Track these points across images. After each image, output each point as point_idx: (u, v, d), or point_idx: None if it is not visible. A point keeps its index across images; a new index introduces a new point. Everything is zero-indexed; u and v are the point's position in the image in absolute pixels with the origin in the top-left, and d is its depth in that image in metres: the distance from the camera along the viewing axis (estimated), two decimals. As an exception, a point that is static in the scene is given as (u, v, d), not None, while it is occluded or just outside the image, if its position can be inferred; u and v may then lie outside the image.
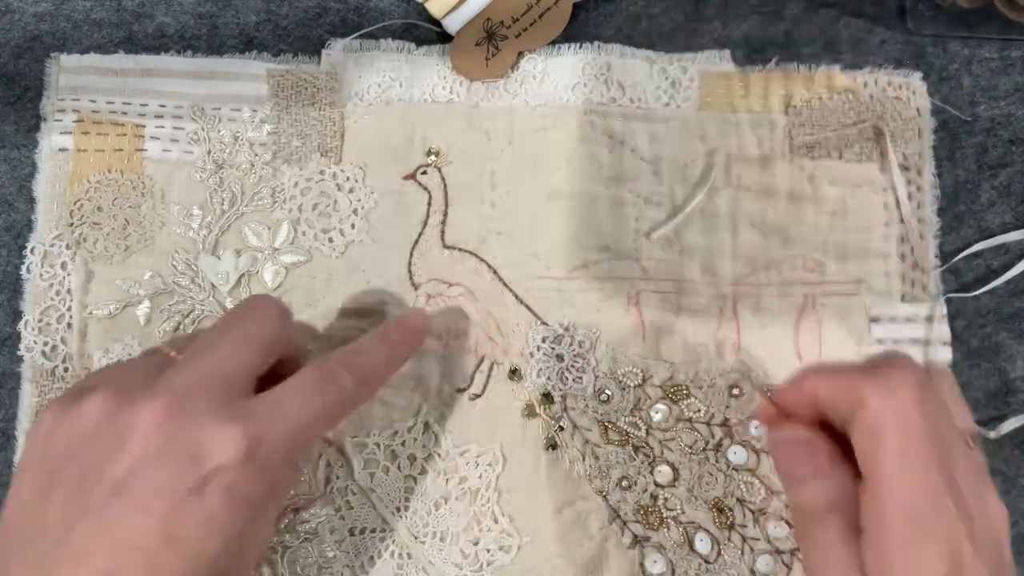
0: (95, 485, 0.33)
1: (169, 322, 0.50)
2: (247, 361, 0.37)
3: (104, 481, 0.33)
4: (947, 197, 0.53)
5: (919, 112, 0.53)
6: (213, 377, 0.36)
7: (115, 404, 0.34)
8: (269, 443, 0.35)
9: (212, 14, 0.54)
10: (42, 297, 0.50)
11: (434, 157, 0.52)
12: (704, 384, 0.49)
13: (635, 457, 0.49)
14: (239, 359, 0.37)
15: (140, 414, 0.34)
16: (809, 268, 0.51)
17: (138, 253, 0.51)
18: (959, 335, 0.51)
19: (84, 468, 0.33)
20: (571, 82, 0.52)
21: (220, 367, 0.36)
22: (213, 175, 0.51)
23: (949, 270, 0.52)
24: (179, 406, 0.34)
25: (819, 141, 0.52)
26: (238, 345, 0.38)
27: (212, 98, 0.52)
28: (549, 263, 0.50)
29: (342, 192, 0.51)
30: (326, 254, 0.51)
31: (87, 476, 0.33)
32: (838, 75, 0.53)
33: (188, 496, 0.32)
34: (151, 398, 0.34)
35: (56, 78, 0.52)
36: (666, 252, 0.51)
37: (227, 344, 0.38)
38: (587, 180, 0.51)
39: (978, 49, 0.54)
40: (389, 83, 0.52)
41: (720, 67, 0.53)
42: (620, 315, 0.50)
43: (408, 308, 0.50)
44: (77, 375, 0.49)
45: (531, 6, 0.52)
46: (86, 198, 0.51)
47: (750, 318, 0.50)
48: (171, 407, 0.34)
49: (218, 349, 0.37)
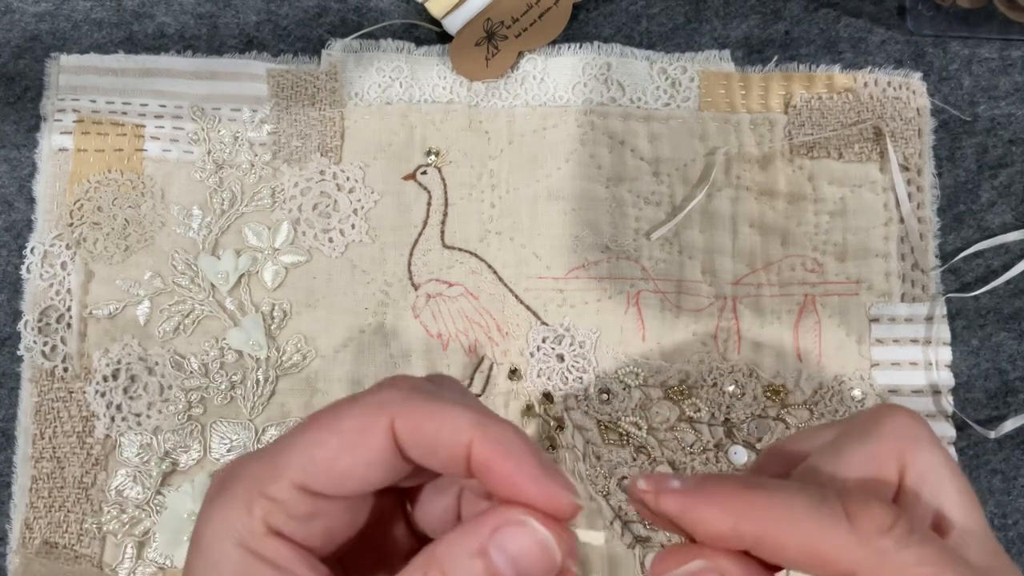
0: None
1: (169, 322, 0.50)
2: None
3: None
4: (947, 197, 0.53)
5: (919, 112, 0.53)
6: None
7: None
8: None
9: (212, 14, 0.54)
10: (42, 297, 0.50)
11: (434, 157, 0.52)
12: (705, 384, 0.49)
13: (636, 457, 0.48)
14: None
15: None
16: (809, 268, 0.51)
17: (138, 253, 0.51)
18: (959, 335, 0.51)
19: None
20: (571, 82, 0.52)
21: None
22: (213, 175, 0.51)
23: (949, 270, 0.52)
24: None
25: (819, 141, 0.52)
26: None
27: (212, 98, 0.52)
28: (549, 263, 0.50)
29: (342, 192, 0.51)
30: (326, 254, 0.51)
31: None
32: (838, 75, 0.53)
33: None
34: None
35: (56, 78, 0.52)
36: (666, 252, 0.51)
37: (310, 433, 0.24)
38: (587, 180, 0.51)
39: (978, 49, 0.54)
40: (389, 83, 0.52)
41: (720, 67, 0.53)
42: (620, 315, 0.50)
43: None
44: (77, 375, 0.49)
45: (531, 6, 0.52)
46: (86, 198, 0.51)
47: (750, 318, 0.50)
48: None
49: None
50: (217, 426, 0.49)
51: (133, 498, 0.48)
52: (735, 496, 0.22)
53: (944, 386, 0.50)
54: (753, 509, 0.22)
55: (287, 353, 0.50)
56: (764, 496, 0.22)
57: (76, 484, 0.48)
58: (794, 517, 0.22)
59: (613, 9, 0.54)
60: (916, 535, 0.22)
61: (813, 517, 0.22)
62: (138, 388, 0.49)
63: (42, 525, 0.48)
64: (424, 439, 0.22)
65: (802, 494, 0.22)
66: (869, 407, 0.25)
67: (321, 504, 0.23)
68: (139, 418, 0.49)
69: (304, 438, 0.23)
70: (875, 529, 0.22)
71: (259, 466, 0.23)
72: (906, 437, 0.24)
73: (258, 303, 0.50)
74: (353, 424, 0.22)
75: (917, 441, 0.24)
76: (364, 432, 0.22)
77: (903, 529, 0.22)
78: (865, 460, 0.24)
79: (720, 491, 0.22)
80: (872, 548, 0.21)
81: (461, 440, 0.22)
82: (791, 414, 0.49)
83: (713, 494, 0.22)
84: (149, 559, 0.47)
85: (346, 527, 0.24)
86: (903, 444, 0.24)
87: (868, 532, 0.22)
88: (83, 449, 0.48)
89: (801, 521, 0.22)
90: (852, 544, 0.21)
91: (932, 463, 0.24)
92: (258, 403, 0.49)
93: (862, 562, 0.21)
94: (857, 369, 0.50)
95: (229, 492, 0.23)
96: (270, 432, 0.49)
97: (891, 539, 0.22)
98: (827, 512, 0.22)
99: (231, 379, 0.49)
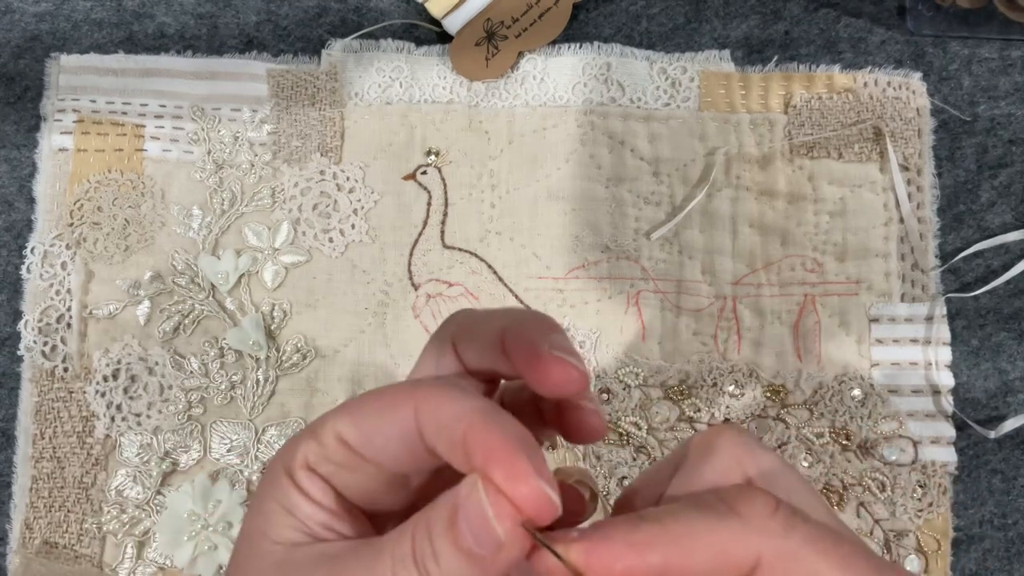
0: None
1: (169, 322, 0.50)
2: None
3: None
4: (947, 197, 0.53)
5: (919, 112, 0.53)
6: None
7: None
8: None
9: (212, 14, 0.54)
10: (42, 297, 0.50)
11: (434, 157, 0.52)
12: (705, 384, 0.49)
13: (636, 457, 0.48)
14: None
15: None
16: (809, 268, 0.51)
17: (138, 253, 0.51)
18: (959, 335, 0.51)
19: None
20: (571, 82, 0.52)
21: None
22: (213, 175, 0.51)
23: (949, 270, 0.52)
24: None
25: (819, 141, 0.52)
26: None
27: (212, 98, 0.52)
28: (549, 263, 0.50)
29: (342, 192, 0.51)
30: (326, 254, 0.51)
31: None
32: (838, 75, 0.53)
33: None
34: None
35: (56, 78, 0.52)
36: (666, 252, 0.51)
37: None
38: (587, 180, 0.51)
39: (978, 49, 0.54)
40: (389, 83, 0.52)
41: (720, 67, 0.53)
42: (620, 315, 0.50)
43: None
44: (77, 375, 0.49)
45: (531, 6, 0.52)
46: (86, 198, 0.51)
47: (750, 318, 0.50)
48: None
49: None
50: (217, 426, 0.49)
51: (133, 498, 0.48)
52: (632, 531, 0.22)
53: (944, 386, 0.50)
54: (651, 536, 0.22)
55: (287, 353, 0.50)
56: (657, 524, 0.23)
57: (76, 484, 0.48)
58: (691, 531, 0.22)
59: (613, 9, 0.54)
60: (800, 515, 0.23)
61: (705, 525, 0.23)
62: (138, 388, 0.49)
63: (42, 525, 0.48)
64: (433, 421, 0.23)
65: (686, 508, 0.23)
66: (695, 435, 0.27)
67: (358, 461, 0.24)
68: (139, 418, 0.49)
69: (356, 398, 0.25)
70: (763, 514, 0.23)
71: (319, 417, 0.25)
72: (740, 445, 0.25)
73: (258, 303, 0.50)
74: (387, 399, 0.24)
75: (750, 447, 0.25)
76: (393, 408, 0.24)
77: (787, 509, 0.23)
78: (714, 476, 0.25)
79: (616, 530, 0.23)
80: (766, 532, 0.22)
81: (460, 426, 0.23)
82: (791, 414, 0.49)
83: (612, 534, 0.22)
84: (149, 559, 0.47)
85: (391, 496, 0.26)
86: (740, 452, 0.25)
87: (758, 518, 0.23)
88: (83, 449, 0.48)
89: (698, 533, 0.22)
90: (749, 534, 0.22)
91: (769, 462, 0.25)
92: (258, 403, 0.49)
93: (762, 547, 0.22)
94: (857, 369, 0.50)
95: (293, 437, 0.25)
96: (270, 432, 0.49)
97: (779, 521, 0.23)
98: (714, 513, 0.23)
99: (231, 379, 0.49)
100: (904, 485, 0.48)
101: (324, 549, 0.24)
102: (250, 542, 0.25)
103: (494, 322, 0.25)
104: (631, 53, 0.53)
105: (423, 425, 0.24)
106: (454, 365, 0.26)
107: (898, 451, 0.49)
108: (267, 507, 0.25)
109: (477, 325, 0.26)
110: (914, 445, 0.49)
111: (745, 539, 0.22)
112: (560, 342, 0.24)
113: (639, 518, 0.23)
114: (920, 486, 0.48)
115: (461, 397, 0.23)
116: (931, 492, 0.48)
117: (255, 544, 0.25)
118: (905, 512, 0.48)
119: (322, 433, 0.24)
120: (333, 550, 0.24)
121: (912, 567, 0.48)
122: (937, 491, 0.48)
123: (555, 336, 0.24)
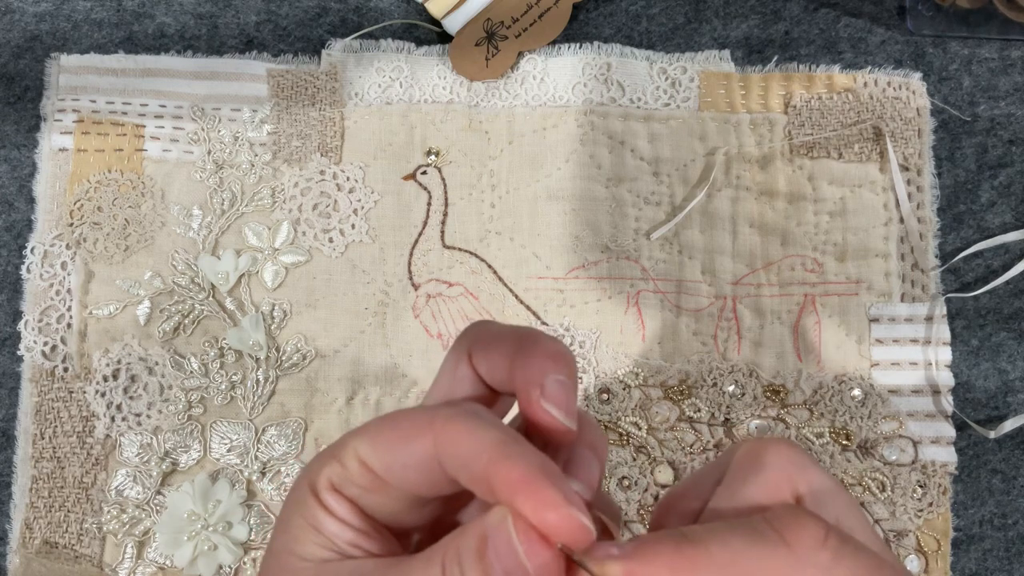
0: None
1: (169, 322, 0.50)
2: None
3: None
4: (947, 197, 0.53)
5: (919, 112, 0.53)
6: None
7: None
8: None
9: (212, 14, 0.54)
10: (42, 297, 0.50)
11: (434, 157, 0.52)
12: (705, 384, 0.49)
13: (636, 457, 0.49)
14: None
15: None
16: (809, 268, 0.51)
17: (138, 253, 0.51)
18: (959, 335, 0.51)
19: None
20: (571, 82, 0.52)
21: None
22: (213, 175, 0.51)
23: (949, 270, 0.52)
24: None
25: (819, 141, 0.52)
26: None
27: (212, 98, 0.52)
28: (549, 263, 0.50)
29: (342, 192, 0.51)
30: (326, 254, 0.51)
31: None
32: (838, 75, 0.53)
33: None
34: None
35: (56, 78, 0.52)
36: (666, 252, 0.51)
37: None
38: (587, 180, 0.51)
39: (978, 49, 0.54)
40: (389, 83, 0.52)
41: (720, 67, 0.53)
42: (620, 315, 0.50)
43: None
44: (77, 375, 0.49)
45: (531, 6, 0.52)
46: (86, 198, 0.51)
47: (750, 318, 0.50)
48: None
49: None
50: (217, 426, 0.49)
51: (133, 498, 0.48)
52: (675, 553, 0.22)
53: (944, 386, 0.50)
54: (694, 562, 0.22)
55: (287, 353, 0.50)
56: (701, 547, 0.22)
57: (76, 484, 0.48)
58: (735, 559, 0.22)
59: (613, 9, 0.54)
60: (849, 545, 0.22)
61: (752, 552, 0.22)
62: (138, 388, 0.49)
63: (42, 525, 0.48)
64: (453, 455, 0.23)
65: (733, 532, 0.22)
66: (741, 444, 0.26)
67: (381, 485, 0.24)
68: (139, 418, 0.49)
69: (375, 423, 0.25)
70: (812, 544, 0.22)
71: (340, 438, 0.25)
72: (792, 463, 0.24)
73: (258, 303, 0.50)
74: (404, 430, 0.24)
75: (803, 465, 0.24)
76: (411, 440, 0.24)
77: (835, 539, 0.22)
78: (761, 492, 0.24)
79: (659, 551, 0.22)
80: (815, 565, 0.21)
81: (482, 459, 0.22)
82: (791, 414, 0.49)
83: (654, 555, 0.22)
84: (149, 559, 0.47)
85: (416, 513, 0.26)
86: (791, 470, 0.24)
87: (807, 549, 0.22)
88: (83, 449, 0.48)
89: (744, 563, 0.21)
90: (796, 567, 0.21)
91: (820, 481, 0.24)
92: (258, 403, 0.49)
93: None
94: (857, 369, 0.50)
95: (317, 456, 0.25)
96: (270, 432, 0.49)
97: (828, 551, 0.22)
98: (762, 541, 0.22)
99: (231, 379, 0.49)
100: (904, 485, 0.48)
101: (353, 567, 0.24)
102: (278, 559, 0.25)
103: (505, 345, 0.25)
104: (631, 53, 0.53)
105: (443, 458, 0.23)
106: (470, 376, 0.26)
107: (898, 451, 0.49)
108: (294, 525, 0.25)
109: (491, 345, 0.26)
110: (914, 445, 0.49)
111: (791, 573, 0.21)
112: (554, 391, 0.24)
113: (682, 537, 0.22)
114: (920, 486, 0.48)
115: (479, 429, 0.23)
116: (931, 492, 0.48)
117: (283, 561, 0.25)
118: (905, 512, 0.48)
119: (344, 456, 0.24)
120: (363, 569, 0.24)
121: (912, 567, 0.48)
122: (937, 491, 0.48)
123: (553, 379, 0.24)
